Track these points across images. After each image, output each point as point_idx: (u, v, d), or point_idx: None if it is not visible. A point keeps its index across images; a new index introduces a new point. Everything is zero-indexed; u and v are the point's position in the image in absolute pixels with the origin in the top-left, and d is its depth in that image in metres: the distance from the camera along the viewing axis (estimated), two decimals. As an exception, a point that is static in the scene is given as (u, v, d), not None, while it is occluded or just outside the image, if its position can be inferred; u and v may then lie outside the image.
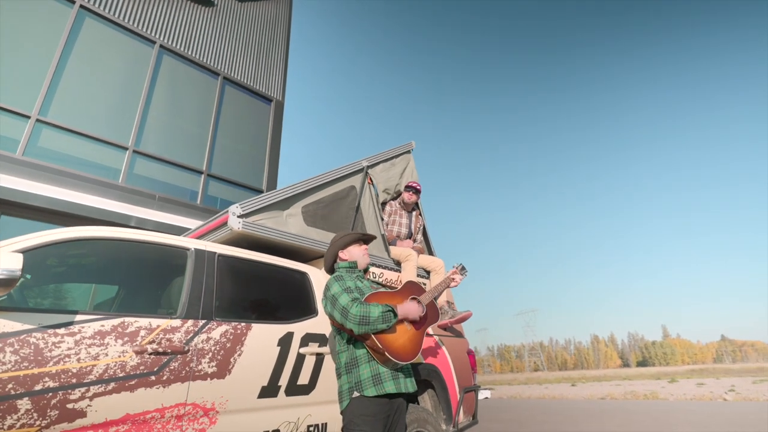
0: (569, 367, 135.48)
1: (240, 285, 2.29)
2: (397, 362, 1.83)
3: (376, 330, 1.82)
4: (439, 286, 2.31)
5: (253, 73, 8.18)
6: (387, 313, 1.84)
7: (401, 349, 1.88)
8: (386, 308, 1.85)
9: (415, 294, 2.20)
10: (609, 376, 40.34)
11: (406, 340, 1.93)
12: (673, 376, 32.54)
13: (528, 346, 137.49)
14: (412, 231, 3.77)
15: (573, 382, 27.98)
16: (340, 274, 2.07)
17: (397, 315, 1.88)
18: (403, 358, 1.86)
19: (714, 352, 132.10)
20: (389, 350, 1.83)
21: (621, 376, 37.17)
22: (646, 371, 53.84)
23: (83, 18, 6.03)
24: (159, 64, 6.69)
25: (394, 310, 1.87)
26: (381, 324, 1.81)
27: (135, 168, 5.94)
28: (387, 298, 2.04)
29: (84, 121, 5.60)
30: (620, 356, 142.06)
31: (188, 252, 2.13)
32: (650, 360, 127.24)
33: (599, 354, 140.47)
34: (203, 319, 1.95)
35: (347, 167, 3.29)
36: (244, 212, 2.47)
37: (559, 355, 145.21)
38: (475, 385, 3.48)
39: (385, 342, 1.84)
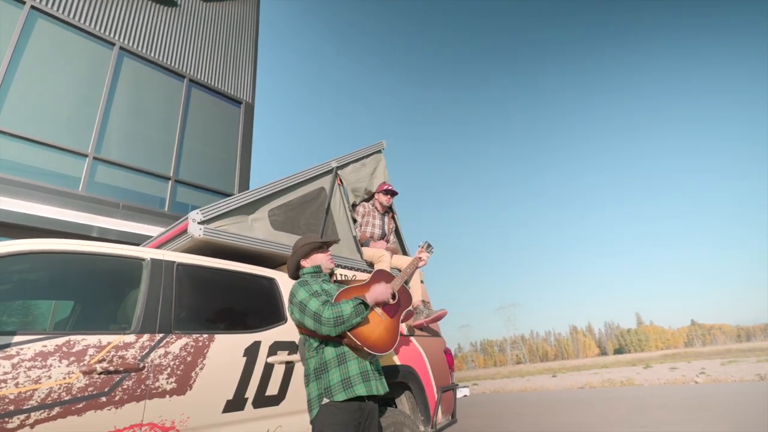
0: (550, 358, 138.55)
1: (202, 295, 2.19)
2: (376, 354, 1.81)
3: (352, 326, 1.78)
4: (408, 268, 2.30)
5: (220, 75, 7.97)
6: (358, 306, 1.81)
7: (379, 341, 1.86)
8: (356, 301, 1.82)
9: (385, 281, 2.18)
10: (588, 365, 41.36)
11: (382, 330, 1.91)
12: (647, 361, 33.64)
13: (510, 339, 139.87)
14: (386, 232, 3.72)
15: (554, 373, 28.55)
16: (304, 279, 2.00)
17: (368, 305, 1.84)
18: (382, 348, 1.84)
19: (685, 336, 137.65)
20: (367, 344, 1.80)
21: (599, 365, 38.16)
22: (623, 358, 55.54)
23: (35, 19, 5.73)
24: (119, 67, 6.43)
25: (364, 300, 1.84)
26: (355, 318, 1.77)
27: (96, 176, 5.68)
28: (357, 291, 2.00)
29: (39, 127, 5.31)
30: (598, 345, 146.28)
31: (144, 263, 2.01)
32: (626, 347, 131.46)
33: (578, 344, 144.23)
34: (161, 332, 1.84)
35: (316, 168, 3.21)
36: (205, 218, 2.36)
37: (540, 347, 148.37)
38: (453, 383, 3.46)
39: (361, 336, 1.81)
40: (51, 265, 1.82)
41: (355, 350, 1.85)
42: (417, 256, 2.42)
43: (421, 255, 2.43)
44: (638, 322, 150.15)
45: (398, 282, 2.19)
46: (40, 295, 1.80)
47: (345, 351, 1.85)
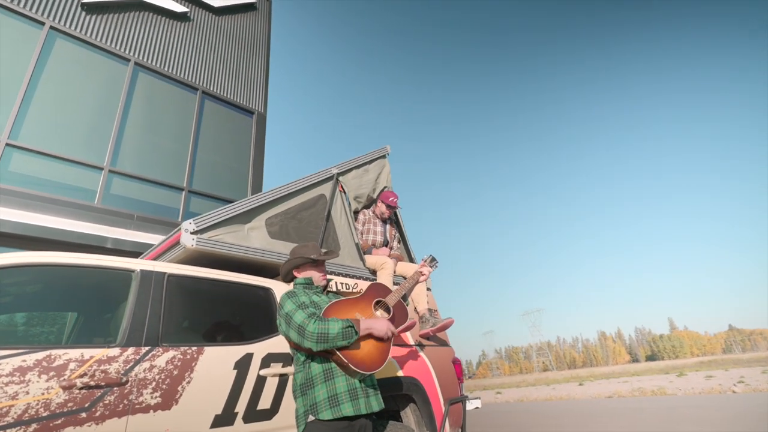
0: (578, 365, 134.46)
1: (194, 306, 2.15)
2: (362, 373, 1.70)
3: (336, 346, 1.69)
4: (407, 283, 2.20)
5: (233, 86, 8.10)
6: (347, 330, 1.71)
7: (367, 359, 1.75)
8: (346, 324, 1.72)
9: (380, 296, 2.08)
10: (617, 372, 39.92)
11: (371, 347, 1.80)
12: (681, 369, 32.19)
13: (536, 346, 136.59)
14: (388, 239, 3.63)
15: (581, 381, 27.63)
16: (294, 290, 1.94)
17: (358, 332, 1.74)
18: (369, 367, 1.74)
19: (723, 342, 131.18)
20: (353, 361, 1.70)
21: (629, 372, 36.76)
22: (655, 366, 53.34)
23: (54, 39, 5.95)
24: (134, 81, 6.60)
25: (355, 326, 1.74)
26: (341, 341, 1.68)
27: (111, 188, 5.81)
28: (348, 307, 1.91)
29: (57, 142, 5.49)
30: (629, 351, 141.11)
31: (133, 274, 1.99)
32: (659, 354, 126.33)
33: (607, 350, 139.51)
34: (147, 345, 1.80)
35: (315, 175, 3.17)
36: (198, 228, 2.33)
37: (567, 353, 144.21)
38: (462, 395, 3.32)
39: (348, 354, 1.72)
40: (39, 278, 1.81)
41: (342, 367, 1.77)
42: (418, 270, 2.32)
43: (423, 269, 2.32)
44: (671, 327, 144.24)
45: (395, 297, 2.09)
46: (28, 308, 1.80)
47: (333, 366, 1.77)
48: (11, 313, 1.84)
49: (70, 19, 6.15)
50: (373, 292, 2.07)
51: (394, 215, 3.81)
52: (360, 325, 1.77)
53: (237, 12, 8.82)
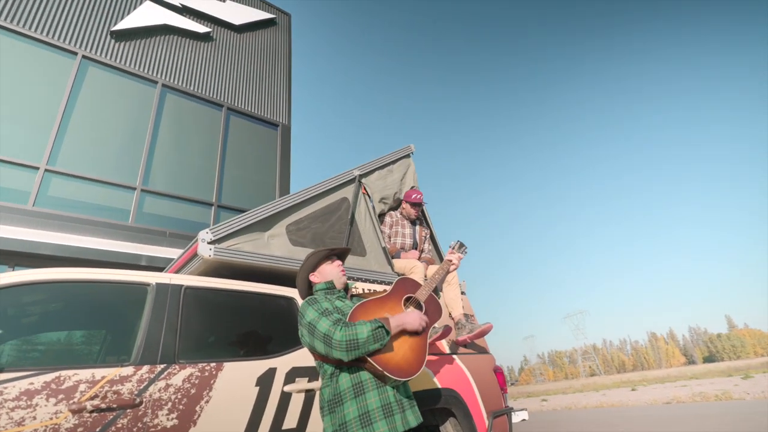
0: (628, 368, 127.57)
1: (213, 320, 2.04)
2: (400, 380, 1.54)
3: (368, 352, 1.52)
4: (436, 274, 2.01)
5: (257, 101, 8.20)
6: (377, 331, 1.54)
7: (403, 363, 1.58)
8: (375, 324, 1.55)
9: (410, 292, 1.90)
10: (673, 376, 37.45)
11: (406, 350, 1.63)
12: (746, 371, 29.74)
13: (580, 349, 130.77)
14: (417, 241, 3.44)
15: (633, 386, 26.01)
16: (314, 297, 1.78)
17: (389, 331, 1.57)
18: (407, 372, 1.56)
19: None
20: (388, 368, 1.53)
21: (686, 375, 34.38)
22: (715, 368, 49.65)
23: (86, 67, 6.20)
24: (162, 103, 6.78)
25: (386, 325, 1.57)
26: (373, 344, 1.51)
27: (144, 207, 5.94)
28: (376, 307, 1.74)
29: (92, 166, 5.68)
30: (683, 353, 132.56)
31: (148, 288, 1.90)
32: (718, 355, 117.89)
33: (659, 352, 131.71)
34: (162, 363, 1.70)
35: (336, 178, 3.03)
36: (215, 237, 2.24)
37: (615, 356, 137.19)
38: (506, 407, 3.05)
39: (381, 360, 1.54)
40: (52, 295, 1.75)
41: (377, 377, 1.59)
42: (447, 259, 2.12)
43: (451, 257, 2.11)
44: (730, 325, 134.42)
45: (425, 291, 1.91)
46: (39, 327, 1.74)
47: (363, 380, 1.59)
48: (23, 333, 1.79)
49: (100, 48, 6.41)
50: (400, 288, 1.90)
51: (422, 214, 3.61)
52: (390, 323, 1.60)
53: (258, 28, 8.98)
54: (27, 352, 1.96)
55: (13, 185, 5.02)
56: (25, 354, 1.93)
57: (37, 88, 5.63)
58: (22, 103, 5.43)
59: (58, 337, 1.84)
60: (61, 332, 1.88)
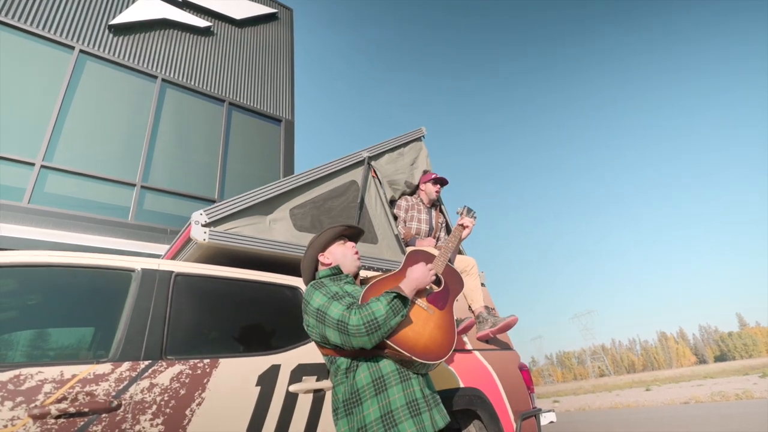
0: (638, 369, 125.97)
1: (207, 310, 1.80)
2: (431, 363, 1.33)
3: (391, 329, 1.29)
4: (449, 242, 1.78)
5: (259, 96, 7.99)
6: (394, 302, 1.31)
7: (431, 343, 1.36)
8: (389, 297, 1.32)
9: (423, 261, 1.67)
10: (686, 375, 36.74)
11: (432, 328, 1.42)
12: (762, 369, 29.08)
13: (589, 350, 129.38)
14: (434, 227, 3.18)
15: (647, 386, 25.46)
16: (320, 281, 1.53)
17: (407, 297, 1.35)
18: (437, 352, 1.35)
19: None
20: (416, 351, 1.31)
21: (700, 375, 33.71)
22: (728, 366, 48.70)
23: (84, 62, 6.02)
24: (162, 98, 6.58)
25: (400, 292, 1.34)
26: (393, 318, 1.29)
27: (144, 204, 5.73)
28: (389, 285, 1.51)
29: (89, 162, 5.48)
30: (694, 352, 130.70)
31: (133, 274, 1.66)
32: (729, 354, 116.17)
33: (670, 352, 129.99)
34: (147, 359, 1.45)
35: (344, 159, 2.79)
36: (210, 219, 2.00)
37: (624, 357, 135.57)
38: (534, 408, 2.78)
39: (406, 343, 1.32)
40: (21, 281, 1.51)
41: (402, 365, 1.36)
42: (458, 224, 1.90)
43: (463, 222, 1.89)
44: (741, 324, 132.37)
45: (441, 260, 1.68)
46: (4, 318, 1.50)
47: (385, 374, 1.34)
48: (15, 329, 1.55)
49: (98, 42, 6.23)
50: (413, 261, 1.66)
51: (438, 201, 3.36)
52: (403, 289, 1.39)
53: (259, 23, 8.78)
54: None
55: (7, 182, 4.83)
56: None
57: (33, 83, 5.45)
58: (18, 98, 5.25)
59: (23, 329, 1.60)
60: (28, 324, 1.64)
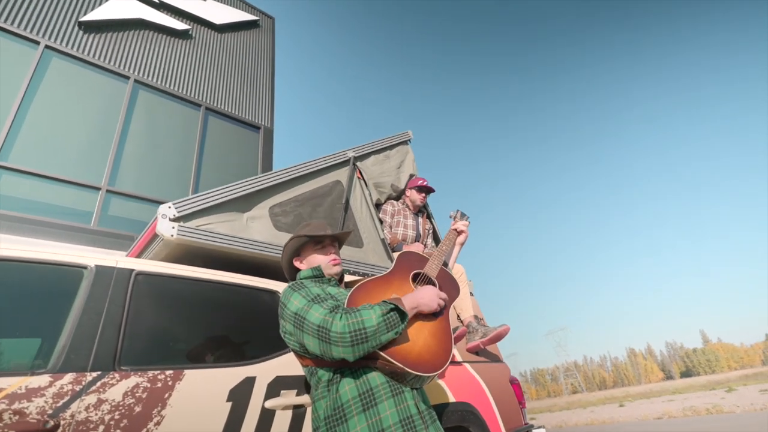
0: (608, 385, 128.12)
1: (172, 314, 1.58)
2: (425, 375, 1.14)
3: (379, 345, 1.10)
4: (443, 245, 1.63)
5: (237, 102, 7.77)
6: (390, 316, 1.12)
7: (426, 353, 1.18)
8: (385, 307, 1.13)
9: (416, 267, 1.52)
10: (656, 391, 37.52)
11: (427, 336, 1.23)
12: (726, 384, 30.02)
13: (562, 367, 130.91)
14: (421, 234, 3.04)
15: (620, 402, 25.78)
16: (300, 282, 1.35)
17: (406, 313, 1.16)
18: (432, 365, 1.16)
19: (761, 353, 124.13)
20: (408, 362, 1.13)
21: (669, 390, 34.49)
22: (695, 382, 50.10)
23: (50, 58, 5.68)
24: (134, 99, 6.28)
25: (399, 306, 1.15)
26: (385, 334, 1.10)
27: (109, 209, 5.37)
28: (380, 288, 1.34)
29: (50, 163, 5.10)
30: (662, 368, 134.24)
31: (85, 271, 1.43)
32: (694, 369, 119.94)
33: (639, 368, 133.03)
34: (95, 370, 1.23)
35: (329, 158, 2.63)
36: (180, 214, 1.79)
37: (596, 373, 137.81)
38: (526, 425, 2.63)
39: (398, 353, 1.13)
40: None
41: (393, 377, 1.17)
42: (452, 228, 1.75)
43: (457, 226, 1.75)
44: (704, 340, 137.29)
45: (435, 263, 1.53)
46: None
47: (374, 386, 1.15)
48: None
49: (66, 38, 5.91)
50: (404, 263, 1.50)
51: (424, 207, 3.23)
52: (404, 303, 1.19)
53: (239, 29, 8.62)
54: None
55: (-46, 181, 4.42)
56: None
57: (-10, 78, 5.08)
58: (-28, 92, 4.87)
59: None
60: None
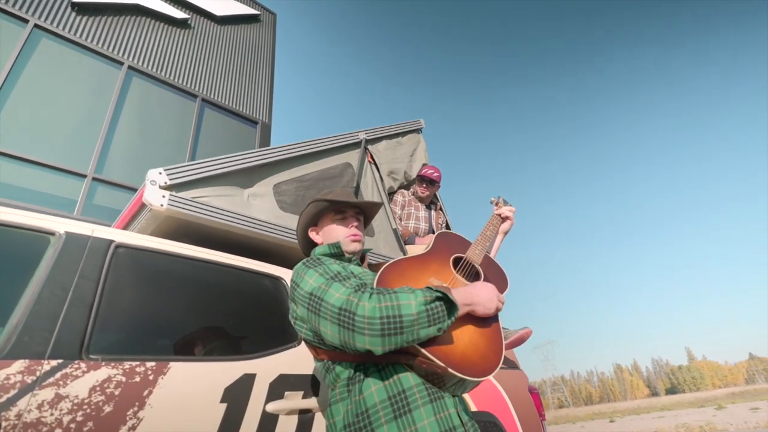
0: (595, 400, 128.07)
1: (158, 296, 1.31)
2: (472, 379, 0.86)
3: (416, 340, 0.84)
4: (487, 230, 1.33)
5: (235, 96, 7.52)
6: (435, 305, 0.85)
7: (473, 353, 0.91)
8: (430, 293, 0.87)
9: (457, 250, 1.23)
10: (644, 407, 37.41)
11: (474, 333, 0.95)
12: (714, 401, 30.05)
13: (549, 381, 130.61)
14: (433, 227, 2.80)
15: (610, 418, 25.59)
16: (316, 258, 1.07)
17: (456, 305, 0.88)
18: (481, 368, 0.89)
19: (744, 372, 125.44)
20: (451, 361, 0.86)
21: (657, 407, 34.42)
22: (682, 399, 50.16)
23: (39, 38, 5.40)
24: (127, 86, 6.00)
25: (449, 295, 0.88)
26: (425, 328, 0.83)
27: (95, 197, 5.06)
28: (416, 269, 1.08)
29: (33, 147, 4.79)
30: (647, 385, 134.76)
31: (52, 238, 1.17)
32: (679, 386, 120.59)
33: (625, 384, 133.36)
34: (56, 358, 0.96)
35: (339, 137, 2.39)
36: (172, 182, 1.53)
37: (582, 388, 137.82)
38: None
39: (439, 350, 0.87)
40: None
41: (430, 377, 0.91)
42: (495, 213, 1.43)
43: (501, 212, 1.43)
44: (690, 357, 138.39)
45: (479, 250, 1.24)
46: None
47: (406, 388, 0.88)
48: None
49: (57, 19, 5.64)
50: (444, 244, 1.23)
51: (435, 198, 2.99)
52: (457, 295, 0.92)
53: (240, 23, 8.41)
54: None
55: (-74, 160, 4.09)
56: None
57: (-28, 53, 4.78)
58: (-48, 67, 4.57)
59: None
60: None
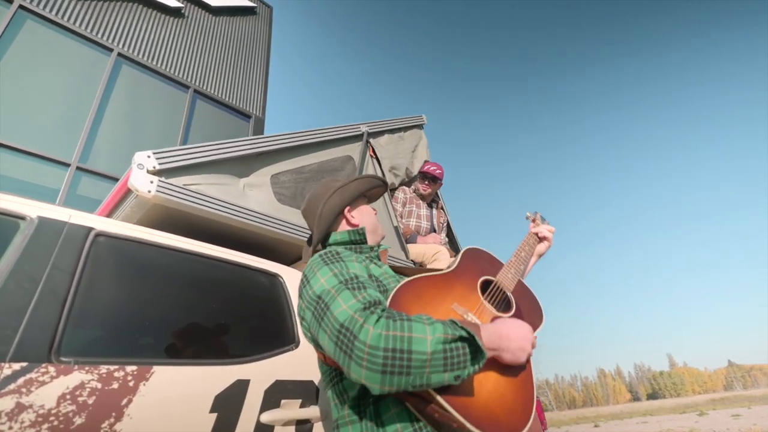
0: (578, 404, 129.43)
1: (141, 291, 1.18)
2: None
3: (426, 386, 0.67)
4: (521, 251, 1.12)
5: (229, 89, 7.34)
6: (455, 345, 0.68)
7: (497, 405, 0.73)
8: (453, 329, 0.70)
9: (487, 272, 1.02)
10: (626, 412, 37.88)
11: (498, 380, 0.77)
12: (695, 407, 30.53)
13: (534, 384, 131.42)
14: (435, 226, 2.70)
15: (594, 423, 25.80)
16: (334, 251, 0.91)
17: (484, 352, 0.69)
18: (507, 425, 0.71)
19: (723, 378, 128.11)
20: (471, 415, 0.69)
21: (639, 412, 34.87)
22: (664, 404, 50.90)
23: (23, 20, 5.18)
24: (116, 73, 5.80)
25: (476, 337, 0.69)
26: (439, 373, 0.66)
27: (78, 187, 4.86)
28: (436, 291, 0.88)
29: (13, 132, 4.58)
30: (629, 389, 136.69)
31: (22, 223, 1.03)
32: (660, 392, 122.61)
33: (607, 389, 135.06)
34: (19, 360, 0.83)
35: (340, 129, 2.27)
36: (161, 166, 1.40)
37: (566, 392, 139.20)
38: (549, 449, 2.28)
39: (456, 399, 0.70)
40: None
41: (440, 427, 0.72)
42: (532, 232, 1.24)
43: (538, 230, 1.20)
44: (671, 363, 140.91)
45: (511, 273, 1.05)
46: None
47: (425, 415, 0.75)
48: None
49: (44, 0, 5.41)
50: (471, 264, 1.02)
51: (437, 196, 2.89)
52: (482, 335, 0.73)
53: (235, 14, 8.25)
54: None
55: None
56: None
57: (-49, 32, 4.55)
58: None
59: None
60: None
